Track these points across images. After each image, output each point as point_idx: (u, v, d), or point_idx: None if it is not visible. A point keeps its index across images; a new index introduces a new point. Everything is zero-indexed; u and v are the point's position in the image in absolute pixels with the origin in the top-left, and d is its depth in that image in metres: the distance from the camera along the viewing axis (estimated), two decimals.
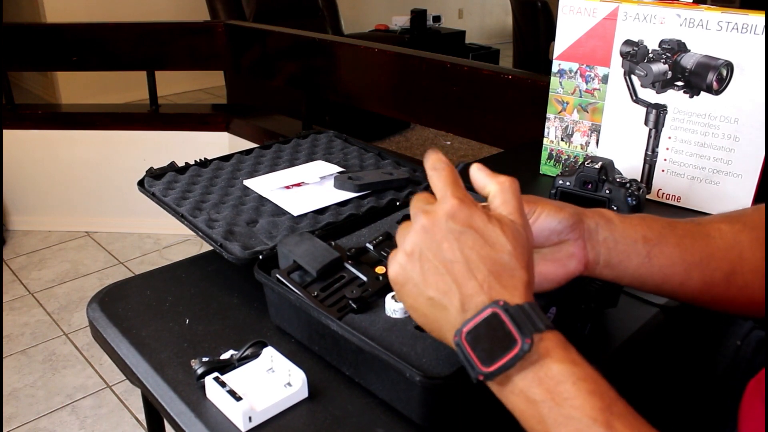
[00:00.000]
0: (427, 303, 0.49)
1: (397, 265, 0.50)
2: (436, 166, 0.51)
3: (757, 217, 0.61)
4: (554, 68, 1.10)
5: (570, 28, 1.06)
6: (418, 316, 0.51)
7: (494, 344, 0.45)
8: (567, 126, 1.12)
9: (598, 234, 0.58)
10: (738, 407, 0.66)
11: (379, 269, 0.67)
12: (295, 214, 0.88)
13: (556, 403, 0.43)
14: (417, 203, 0.51)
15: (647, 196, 1.01)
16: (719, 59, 0.94)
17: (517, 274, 0.48)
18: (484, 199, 0.53)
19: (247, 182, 0.98)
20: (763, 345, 0.77)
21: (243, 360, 0.63)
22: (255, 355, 0.63)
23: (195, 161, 1.05)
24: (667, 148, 1.02)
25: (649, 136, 1.03)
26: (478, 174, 0.53)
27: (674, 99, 0.99)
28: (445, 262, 0.48)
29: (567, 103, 1.11)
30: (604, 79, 1.05)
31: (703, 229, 0.61)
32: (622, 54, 1.02)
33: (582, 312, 0.69)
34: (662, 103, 1.00)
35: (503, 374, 0.45)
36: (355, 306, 0.63)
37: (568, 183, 0.92)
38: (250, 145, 2.43)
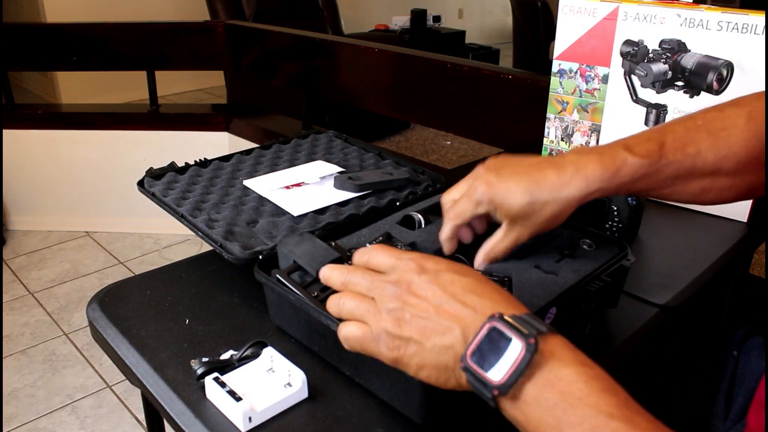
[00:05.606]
0: (433, 353, 0.48)
1: (387, 345, 0.50)
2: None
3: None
4: (554, 68, 1.10)
5: (570, 28, 1.05)
6: (429, 373, 0.49)
7: (500, 355, 0.44)
8: (567, 126, 1.12)
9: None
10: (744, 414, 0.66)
11: None
12: (295, 214, 0.88)
13: (570, 404, 0.42)
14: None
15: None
16: (719, 59, 0.94)
17: (504, 290, 0.50)
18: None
19: (247, 182, 0.98)
20: (765, 350, 0.77)
21: (243, 360, 0.63)
22: (255, 356, 0.63)
23: (195, 161, 1.05)
24: None
25: None
26: None
27: (674, 99, 0.99)
28: (435, 307, 0.48)
29: (567, 103, 1.11)
30: (604, 79, 1.05)
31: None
32: (622, 54, 1.02)
33: (582, 312, 0.69)
34: (662, 103, 1.00)
35: (515, 386, 0.44)
36: None
37: None
38: (250, 145, 2.42)
